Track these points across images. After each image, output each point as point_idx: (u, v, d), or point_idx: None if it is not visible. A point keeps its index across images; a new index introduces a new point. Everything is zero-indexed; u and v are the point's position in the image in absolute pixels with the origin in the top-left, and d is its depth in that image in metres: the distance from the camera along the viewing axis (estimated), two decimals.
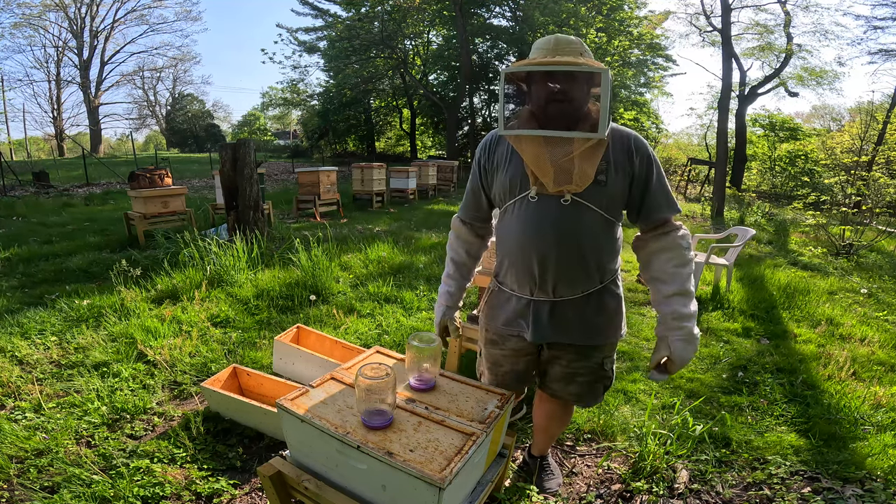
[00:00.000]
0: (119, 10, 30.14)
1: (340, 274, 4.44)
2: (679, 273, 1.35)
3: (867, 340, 3.42)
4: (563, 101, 1.24)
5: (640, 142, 1.34)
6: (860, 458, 2.03)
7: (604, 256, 1.37)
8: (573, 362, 1.47)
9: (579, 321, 1.39)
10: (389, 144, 29.07)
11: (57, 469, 1.82)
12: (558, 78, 1.24)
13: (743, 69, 14.93)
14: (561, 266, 1.33)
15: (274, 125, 41.03)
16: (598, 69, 1.18)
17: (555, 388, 1.55)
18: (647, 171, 1.34)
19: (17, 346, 2.80)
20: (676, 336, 1.34)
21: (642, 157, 1.33)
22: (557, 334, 1.41)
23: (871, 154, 9.16)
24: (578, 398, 1.54)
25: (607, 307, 1.41)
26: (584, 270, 1.35)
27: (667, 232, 1.37)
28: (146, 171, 6.03)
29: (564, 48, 1.26)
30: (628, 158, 1.32)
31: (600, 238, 1.35)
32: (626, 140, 1.33)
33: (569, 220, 1.31)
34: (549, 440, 1.84)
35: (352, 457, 1.23)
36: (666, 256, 1.37)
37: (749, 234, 4.58)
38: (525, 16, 17.82)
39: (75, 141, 28.23)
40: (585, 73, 1.21)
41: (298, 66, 24.13)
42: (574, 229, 1.31)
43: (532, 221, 1.33)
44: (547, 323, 1.40)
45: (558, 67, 1.20)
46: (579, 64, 1.19)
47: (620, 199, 1.35)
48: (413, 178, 10.49)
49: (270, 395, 2.24)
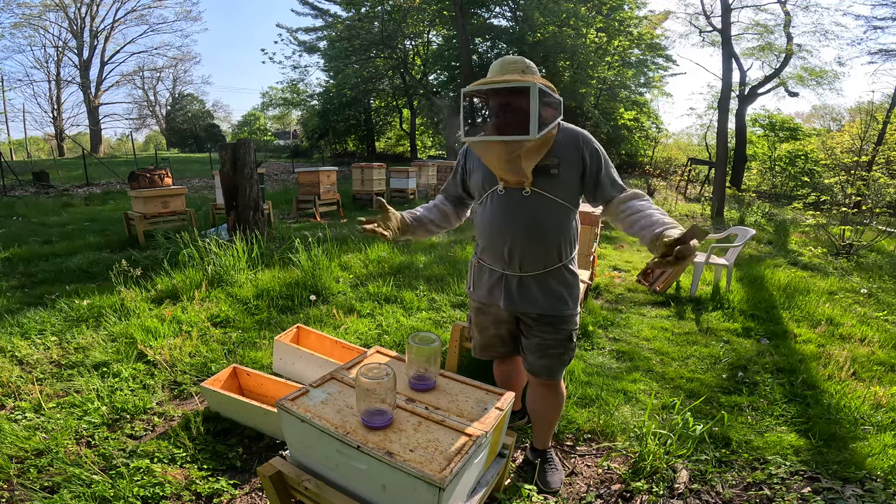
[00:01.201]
0: (119, 10, 30.16)
1: (340, 274, 4.44)
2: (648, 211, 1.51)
3: (867, 340, 3.42)
4: (509, 110, 1.51)
5: (588, 138, 1.60)
6: (860, 458, 2.03)
7: (561, 238, 1.62)
8: (546, 334, 1.69)
9: (542, 292, 1.65)
10: (389, 144, 29.06)
11: (57, 469, 1.82)
12: (502, 93, 1.51)
13: (743, 69, 14.93)
14: (525, 247, 1.59)
15: (274, 125, 41.02)
16: (524, 84, 1.43)
17: (530, 360, 1.76)
18: (595, 163, 1.60)
19: (17, 346, 2.80)
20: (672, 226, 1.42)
21: (590, 151, 1.59)
22: (524, 304, 1.66)
23: (871, 154, 9.15)
24: (549, 370, 1.74)
25: (565, 281, 1.67)
26: (544, 249, 1.61)
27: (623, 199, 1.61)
28: (146, 171, 6.03)
29: (509, 67, 1.55)
30: (578, 153, 1.58)
31: (557, 222, 1.60)
32: (575, 138, 1.59)
33: (530, 208, 1.58)
34: (548, 429, 1.92)
35: (352, 457, 1.23)
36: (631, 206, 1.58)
37: (749, 234, 4.59)
38: (525, 16, 17.80)
39: (75, 141, 28.24)
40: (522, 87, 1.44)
41: (298, 66, 24.17)
42: (535, 215, 1.58)
43: (500, 210, 1.61)
44: (515, 294, 1.66)
45: (493, 86, 1.47)
46: (509, 81, 1.44)
47: (575, 188, 1.60)
48: (413, 178, 10.48)
49: (270, 395, 2.24)
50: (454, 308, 3.76)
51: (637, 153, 20.96)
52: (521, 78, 1.47)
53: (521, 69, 1.55)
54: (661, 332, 3.50)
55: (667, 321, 3.75)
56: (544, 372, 1.74)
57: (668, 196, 13.86)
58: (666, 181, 17.90)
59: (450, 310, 3.72)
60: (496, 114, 1.56)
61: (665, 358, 3.08)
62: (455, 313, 3.65)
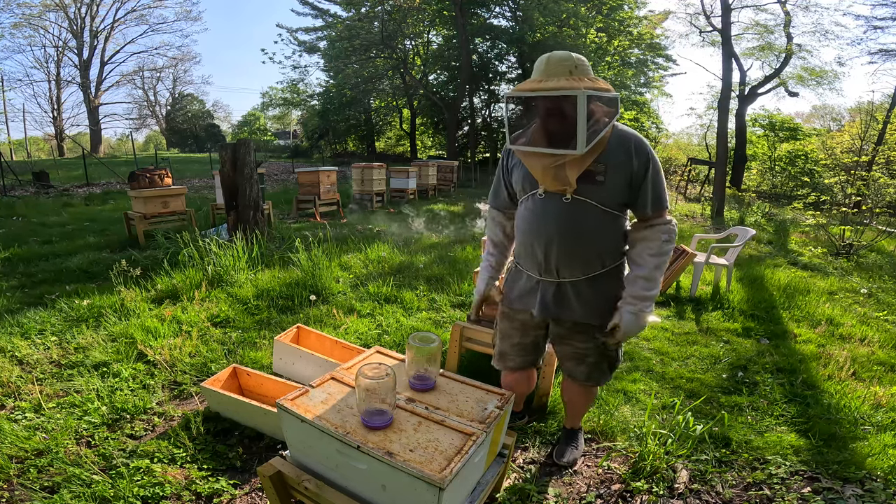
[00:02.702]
0: (119, 10, 30.14)
1: (340, 274, 4.44)
2: (650, 261, 1.54)
3: (867, 340, 3.42)
4: (558, 116, 1.43)
5: (641, 145, 1.50)
6: (860, 458, 2.03)
7: (603, 245, 1.55)
8: (581, 343, 1.65)
9: (578, 301, 1.59)
10: (389, 144, 29.06)
11: (57, 469, 1.82)
12: (548, 99, 1.42)
13: (743, 69, 14.93)
14: (561, 252, 1.54)
15: (274, 125, 40.99)
16: (573, 92, 1.33)
17: (568, 366, 1.75)
18: (644, 172, 1.50)
19: (17, 346, 2.80)
20: (628, 310, 1.54)
21: (641, 159, 1.49)
22: (559, 311, 1.61)
23: (871, 154, 9.15)
24: (588, 377, 1.72)
25: (607, 290, 1.60)
26: (582, 257, 1.55)
27: (653, 224, 1.55)
28: (146, 171, 6.03)
29: (554, 68, 1.42)
30: (627, 159, 1.48)
31: (599, 229, 1.53)
32: (627, 142, 1.49)
33: (569, 214, 1.51)
34: (576, 416, 2.01)
35: (352, 457, 1.23)
36: (645, 245, 1.55)
37: (749, 234, 4.58)
38: (525, 16, 17.80)
39: (75, 141, 28.24)
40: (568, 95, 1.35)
41: (298, 66, 24.12)
42: (573, 222, 1.51)
43: (538, 214, 1.55)
44: (551, 301, 1.61)
45: (536, 93, 1.39)
46: (554, 88, 1.36)
47: (620, 195, 1.52)
48: (413, 178, 10.49)
49: (270, 395, 2.24)
50: (454, 308, 3.76)
51: None
52: (569, 83, 1.36)
53: (569, 69, 1.41)
54: (661, 332, 3.50)
55: (667, 321, 3.75)
56: (582, 377, 1.73)
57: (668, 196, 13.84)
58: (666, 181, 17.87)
59: (450, 310, 3.72)
60: (542, 121, 1.48)
61: (665, 358, 3.07)
62: (455, 313, 3.65)
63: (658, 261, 1.54)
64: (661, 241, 1.54)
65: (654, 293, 1.54)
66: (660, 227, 1.54)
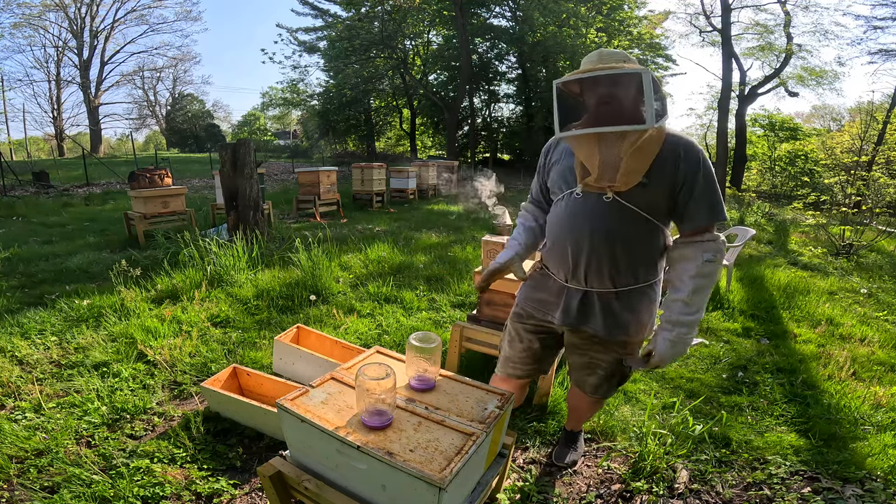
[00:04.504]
0: (119, 10, 30.10)
1: (340, 274, 4.44)
2: (689, 283, 1.39)
3: (867, 340, 3.42)
4: (611, 102, 1.33)
5: (691, 150, 1.37)
6: (860, 458, 2.03)
7: (639, 257, 1.43)
8: (597, 353, 1.57)
9: (604, 314, 1.47)
10: (389, 144, 29.05)
11: (57, 469, 1.82)
12: (603, 83, 1.32)
13: (743, 69, 14.95)
14: (593, 258, 1.42)
15: (274, 125, 40.99)
16: (636, 70, 1.25)
17: (577, 376, 1.69)
18: (692, 179, 1.36)
19: (17, 346, 2.80)
20: (665, 335, 1.43)
21: (690, 164, 1.35)
22: (581, 322, 1.50)
23: (871, 154, 9.15)
24: (595, 389, 1.67)
25: (637, 307, 1.48)
26: (614, 266, 1.42)
27: (698, 241, 1.40)
28: (146, 171, 6.03)
29: (607, 59, 1.35)
30: (674, 164, 1.35)
31: (637, 237, 1.41)
32: (676, 146, 1.36)
33: (606, 216, 1.39)
34: (578, 420, 1.99)
35: (352, 457, 1.23)
36: (686, 265, 1.41)
37: (749, 234, 4.59)
38: (525, 16, 17.81)
39: (75, 141, 28.24)
40: (629, 75, 1.27)
41: (298, 66, 24.13)
42: (610, 224, 1.39)
43: (573, 214, 1.44)
44: (575, 310, 1.50)
45: (597, 73, 1.28)
46: (616, 68, 1.27)
47: (663, 203, 1.39)
48: (413, 178, 10.48)
49: (270, 395, 2.24)
50: (454, 308, 3.76)
51: None
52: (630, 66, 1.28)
53: (623, 60, 1.35)
54: None
55: None
56: (591, 390, 1.67)
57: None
58: None
59: (450, 310, 3.72)
60: (598, 107, 1.35)
61: None
62: (455, 313, 3.65)
63: (698, 283, 1.38)
64: (703, 262, 1.37)
65: (696, 318, 1.40)
66: (703, 245, 1.38)
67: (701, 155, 1.37)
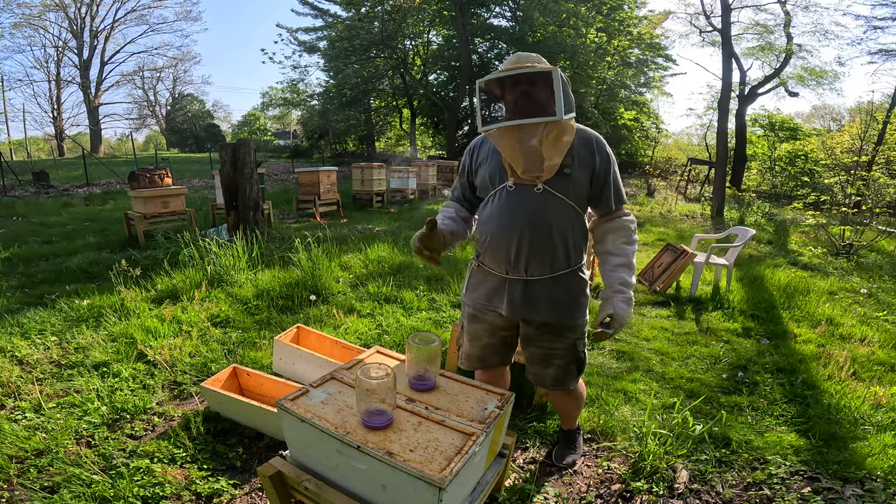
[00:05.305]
0: (119, 10, 30.15)
1: (340, 274, 4.44)
2: (627, 248, 1.60)
3: (867, 340, 3.42)
4: (530, 97, 1.48)
5: (601, 142, 1.59)
6: (860, 458, 2.03)
7: (571, 241, 1.57)
8: (550, 343, 1.65)
9: (548, 299, 1.58)
10: (389, 144, 29.04)
11: (57, 469, 1.82)
12: (519, 81, 1.48)
13: (743, 69, 14.93)
14: (533, 247, 1.54)
15: (274, 125, 40.97)
16: (548, 69, 1.44)
17: (535, 371, 1.73)
18: (605, 168, 1.57)
19: (17, 346, 2.80)
20: (620, 298, 1.55)
21: (602, 155, 1.57)
22: (529, 310, 1.60)
23: (871, 154, 9.14)
24: (556, 381, 1.71)
25: (573, 289, 1.61)
26: (552, 252, 1.55)
27: (618, 216, 1.63)
28: (146, 171, 6.04)
29: (524, 60, 1.52)
30: (590, 155, 1.56)
31: (568, 225, 1.55)
32: (589, 140, 1.57)
33: (541, 206, 1.52)
34: (568, 418, 2.02)
35: (352, 457, 1.23)
36: (617, 235, 1.61)
37: (749, 234, 4.58)
38: (525, 16, 17.81)
39: (75, 141, 28.24)
40: (541, 73, 1.44)
41: (298, 66, 24.10)
42: (545, 215, 1.52)
43: (509, 207, 1.55)
44: (520, 300, 1.59)
45: (514, 72, 1.46)
46: (531, 67, 1.45)
47: (584, 190, 1.57)
48: (413, 178, 10.48)
49: (270, 395, 2.24)
50: (454, 308, 3.76)
51: (637, 153, 20.97)
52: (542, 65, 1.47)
53: (537, 61, 1.53)
54: (661, 332, 3.50)
55: (667, 321, 3.75)
56: (551, 382, 1.71)
57: (669, 196, 13.86)
58: (666, 181, 17.89)
59: (450, 310, 3.72)
60: (516, 102, 1.50)
61: (665, 358, 3.07)
62: (455, 313, 3.65)
63: (633, 248, 1.60)
64: (631, 231, 1.61)
65: (635, 281, 1.58)
66: (625, 218, 1.62)
67: (608, 147, 1.60)
